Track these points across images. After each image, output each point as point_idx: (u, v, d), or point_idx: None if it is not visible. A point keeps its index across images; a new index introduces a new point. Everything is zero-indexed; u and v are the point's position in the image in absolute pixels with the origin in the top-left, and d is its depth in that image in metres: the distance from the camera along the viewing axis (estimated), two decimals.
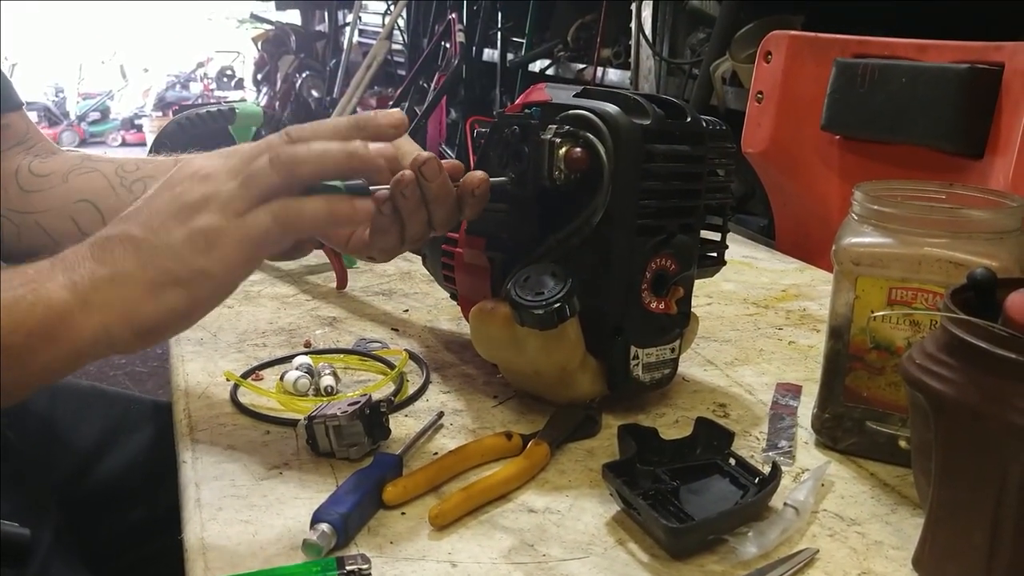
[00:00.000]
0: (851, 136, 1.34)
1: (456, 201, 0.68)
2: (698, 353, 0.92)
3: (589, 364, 0.74)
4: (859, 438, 0.70)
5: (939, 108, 1.18)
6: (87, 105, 8.54)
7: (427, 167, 0.65)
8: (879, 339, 0.68)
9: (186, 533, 0.59)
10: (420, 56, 4.30)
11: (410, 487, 0.63)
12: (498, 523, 0.61)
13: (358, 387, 0.80)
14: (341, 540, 0.56)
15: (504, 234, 0.76)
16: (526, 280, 0.71)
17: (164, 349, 0.91)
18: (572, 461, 0.69)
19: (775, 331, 1.00)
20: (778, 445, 0.72)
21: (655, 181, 0.72)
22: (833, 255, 0.69)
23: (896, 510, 0.64)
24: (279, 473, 0.66)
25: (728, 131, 0.80)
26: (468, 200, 0.68)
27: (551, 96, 0.76)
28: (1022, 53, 1.12)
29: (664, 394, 0.80)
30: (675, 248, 0.74)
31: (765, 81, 1.45)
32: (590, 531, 0.60)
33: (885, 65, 1.25)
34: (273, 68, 6.54)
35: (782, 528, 0.59)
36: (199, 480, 0.65)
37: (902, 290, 0.66)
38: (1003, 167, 1.11)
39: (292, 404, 0.76)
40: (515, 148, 0.72)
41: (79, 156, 0.90)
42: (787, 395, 0.81)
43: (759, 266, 1.27)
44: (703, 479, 0.65)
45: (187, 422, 0.74)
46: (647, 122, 0.71)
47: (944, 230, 0.65)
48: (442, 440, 0.72)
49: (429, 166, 0.65)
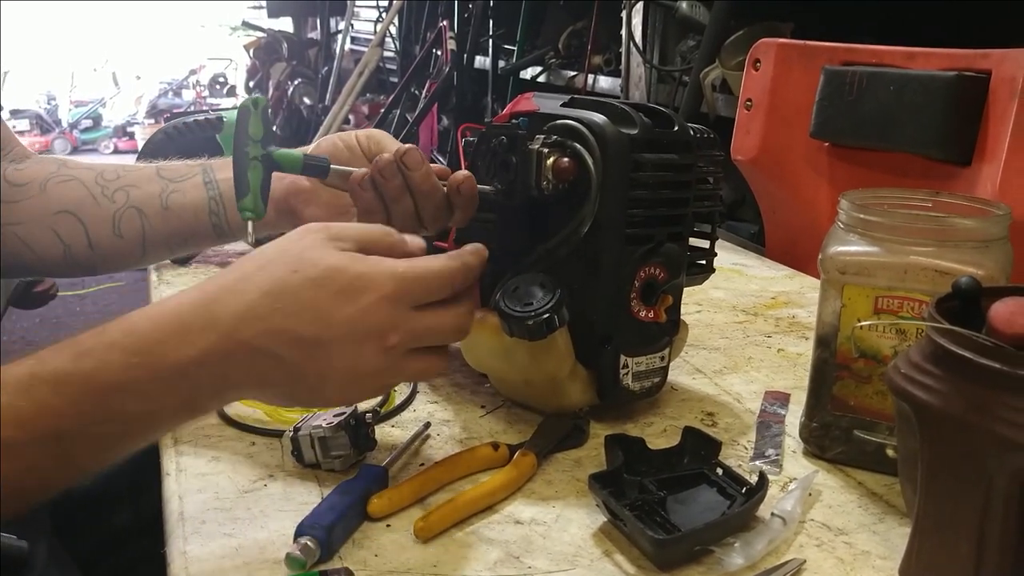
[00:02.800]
0: (840, 143, 1.34)
1: (445, 199, 0.71)
2: (687, 361, 0.91)
3: (579, 373, 0.74)
4: (847, 447, 0.70)
5: (927, 115, 1.18)
6: (79, 113, 8.52)
7: (408, 156, 0.69)
8: (866, 348, 0.67)
9: (169, 547, 0.58)
10: (412, 63, 4.30)
11: (395, 499, 0.62)
12: (484, 535, 0.61)
13: None
14: (325, 553, 0.56)
15: (492, 244, 0.76)
16: (515, 290, 0.70)
17: None
18: (559, 471, 0.69)
19: (764, 339, 0.99)
20: (766, 454, 0.72)
21: (643, 190, 0.71)
22: (820, 264, 0.69)
23: (884, 519, 0.64)
24: (264, 485, 0.66)
25: (716, 139, 0.80)
26: (456, 199, 0.71)
27: (539, 106, 0.76)
28: (1009, 60, 1.12)
29: (652, 403, 0.80)
30: (664, 256, 0.74)
31: (754, 88, 1.45)
32: (576, 543, 0.60)
33: (873, 73, 1.25)
34: (265, 75, 6.53)
35: (769, 539, 0.59)
36: (183, 493, 0.64)
37: (888, 299, 0.66)
38: (991, 174, 1.12)
39: (278, 415, 0.76)
40: (503, 158, 0.72)
41: (55, 162, 0.89)
42: (775, 403, 0.81)
43: (749, 273, 1.27)
44: (690, 489, 0.65)
45: (172, 434, 0.73)
46: (634, 131, 0.71)
47: (930, 238, 0.65)
48: (429, 451, 0.72)
49: (410, 155, 0.69)
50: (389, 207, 0.71)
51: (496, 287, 0.72)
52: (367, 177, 0.70)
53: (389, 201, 0.71)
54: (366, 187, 0.70)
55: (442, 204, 0.72)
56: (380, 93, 5.17)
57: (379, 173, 0.70)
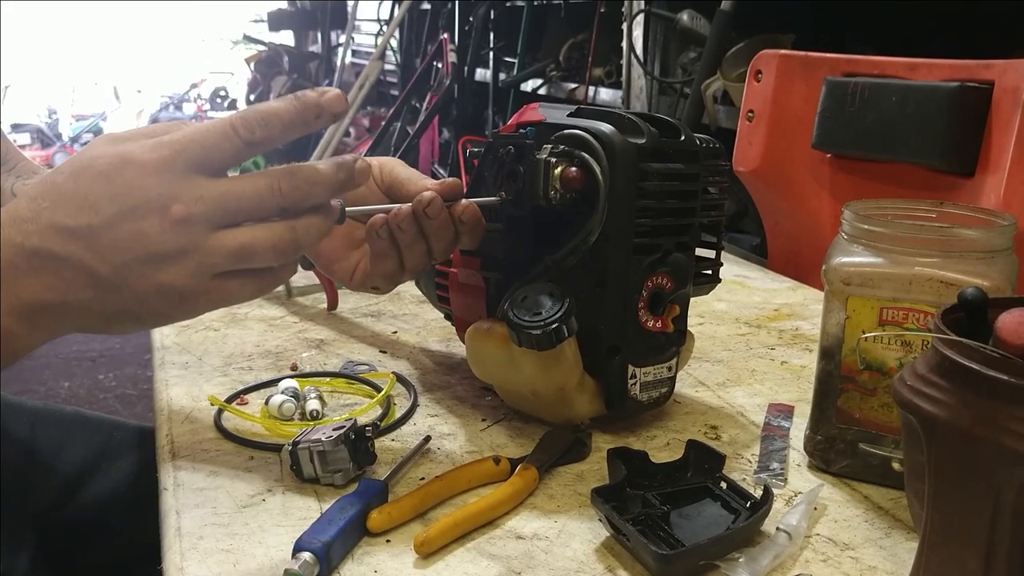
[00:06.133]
0: (842, 154, 1.34)
1: (456, 235, 0.71)
2: (690, 374, 0.91)
3: (587, 384, 0.73)
4: (852, 460, 0.69)
5: (930, 126, 1.18)
6: (80, 127, 8.54)
7: (431, 207, 0.68)
8: (870, 360, 0.67)
9: (165, 563, 0.58)
10: (412, 76, 4.31)
11: (395, 514, 0.61)
12: (485, 550, 0.60)
13: (344, 411, 0.79)
14: (323, 569, 0.55)
15: (499, 254, 0.76)
16: (523, 300, 0.70)
17: (153, 372, 0.90)
18: (561, 485, 0.68)
19: (767, 351, 0.99)
20: (770, 467, 0.71)
21: (651, 199, 0.71)
22: (823, 275, 0.68)
23: (890, 534, 0.63)
24: (262, 500, 0.65)
25: (721, 148, 0.80)
26: (461, 228, 0.71)
27: (545, 116, 0.76)
28: (1012, 71, 1.12)
29: (655, 416, 0.80)
30: (671, 266, 0.74)
31: (756, 100, 1.45)
32: (579, 558, 0.59)
33: (875, 84, 1.25)
34: (266, 88, 6.55)
35: (774, 553, 0.58)
36: (180, 508, 0.63)
37: (893, 310, 0.65)
38: (994, 185, 1.11)
39: (277, 429, 0.75)
40: (510, 168, 0.71)
41: None
42: (779, 416, 0.81)
43: (751, 285, 1.26)
44: (694, 503, 0.64)
45: (170, 448, 0.72)
46: (642, 141, 0.70)
47: (935, 249, 0.64)
48: (429, 465, 0.71)
49: (433, 206, 0.68)
50: (402, 253, 0.70)
51: (504, 297, 0.72)
52: (383, 226, 0.69)
53: (403, 248, 0.70)
54: (383, 235, 0.69)
55: (453, 241, 0.71)
56: (381, 106, 5.18)
57: (397, 226, 0.69)
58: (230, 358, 0.92)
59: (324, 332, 1.01)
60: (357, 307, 1.09)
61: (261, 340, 0.97)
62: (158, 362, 0.90)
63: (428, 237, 0.70)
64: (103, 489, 0.91)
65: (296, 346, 0.96)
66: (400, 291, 1.15)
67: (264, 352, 0.94)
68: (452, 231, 0.70)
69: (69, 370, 3.48)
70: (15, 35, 8.17)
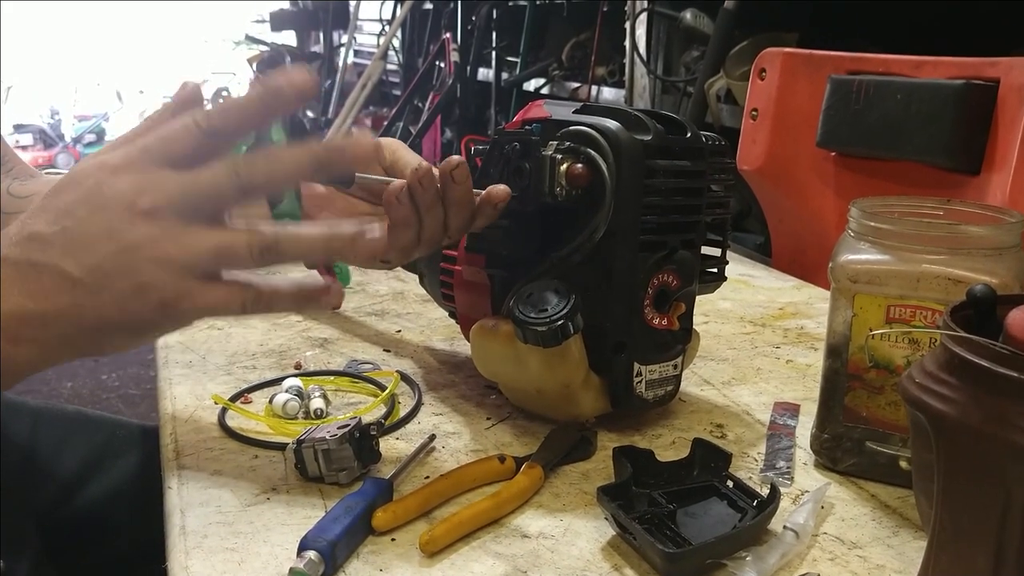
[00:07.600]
0: (847, 153, 1.34)
1: (474, 211, 0.68)
2: (695, 372, 0.90)
3: (592, 382, 0.73)
4: (859, 459, 0.69)
5: (935, 124, 1.18)
6: (82, 127, 8.54)
7: (459, 171, 0.66)
8: (878, 358, 0.66)
9: (170, 562, 0.57)
10: (415, 76, 4.31)
11: (400, 512, 0.61)
12: (491, 549, 0.60)
13: (348, 410, 0.79)
14: (329, 568, 0.55)
15: (504, 251, 0.75)
16: (528, 297, 0.70)
17: (157, 371, 0.90)
18: (567, 484, 0.68)
19: (772, 349, 0.98)
20: (776, 466, 0.71)
21: (657, 197, 0.71)
22: (830, 272, 0.68)
23: (898, 533, 0.62)
24: (266, 499, 0.65)
25: (727, 146, 0.79)
26: (486, 211, 0.68)
27: (550, 112, 0.75)
28: (1017, 68, 1.12)
29: (661, 414, 0.79)
30: (677, 264, 0.74)
31: (760, 98, 1.44)
32: (585, 557, 0.59)
33: (880, 81, 1.25)
34: None
35: (781, 552, 0.58)
36: (184, 507, 0.63)
37: (900, 307, 0.65)
38: (1000, 183, 1.11)
39: (281, 427, 0.75)
40: (516, 164, 0.71)
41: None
42: (785, 414, 0.80)
43: (756, 284, 1.26)
44: (700, 502, 0.64)
45: (173, 447, 0.72)
46: (648, 138, 0.70)
47: (942, 246, 0.64)
48: (434, 463, 0.71)
49: (460, 170, 0.66)
50: (422, 219, 0.67)
51: (509, 294, 0.72)
52: (403, 190, 0.66)
53: (423, 212, 0.66)
54: (403, 199, 0.65)
55: (471, 216, 0.68)
56: (383, 106, 5.18)
57: (418, 182, 0.65)
58: (234, 357, 0.92)
59: (328, 331, 1.00)
60: (361, 306, 1.09)
61: (265, 339, 0.97)
62: (162, 361, 0.90)
63: (448, 206, 0.67)
64: (105, 488, 0.91)
65: (300, 345, 0.96)
66: (404, 290, 1.15)
67: (268, 351, 0.94)
68: (472, 204, 0.68)
69: (72, 370, 3.48)
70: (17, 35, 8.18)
